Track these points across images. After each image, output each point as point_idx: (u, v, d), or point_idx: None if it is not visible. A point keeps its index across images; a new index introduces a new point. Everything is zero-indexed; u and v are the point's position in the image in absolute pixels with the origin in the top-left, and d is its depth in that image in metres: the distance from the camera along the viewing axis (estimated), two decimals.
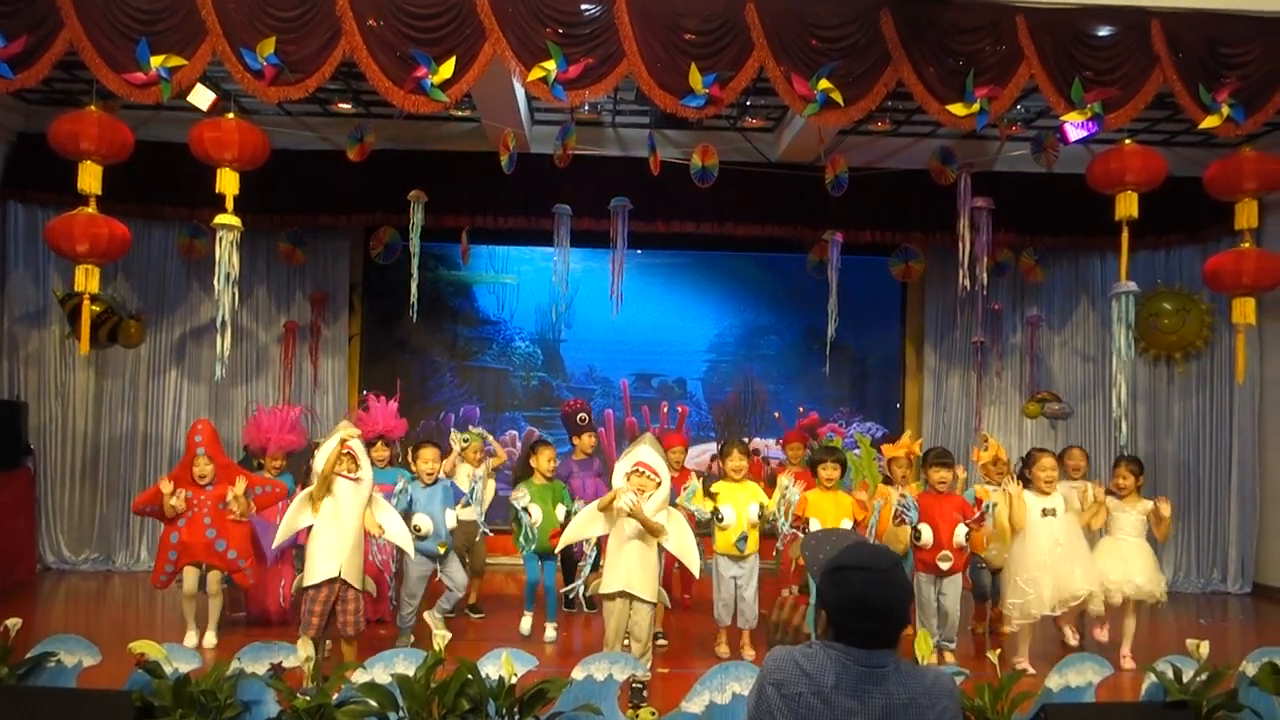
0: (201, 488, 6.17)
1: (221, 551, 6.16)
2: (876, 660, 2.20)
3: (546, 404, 9.64)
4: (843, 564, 2.25)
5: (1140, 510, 6.21)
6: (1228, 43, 6.23)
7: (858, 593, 2.20)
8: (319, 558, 5.18)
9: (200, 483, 6.18)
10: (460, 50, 5.86)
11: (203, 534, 6.11)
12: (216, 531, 6.14)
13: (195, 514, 6.13)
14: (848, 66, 6.04)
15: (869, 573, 2.21)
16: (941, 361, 9.67)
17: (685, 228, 8.88)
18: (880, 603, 2.20)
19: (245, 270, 8.04)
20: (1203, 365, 9.30)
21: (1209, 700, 4.37)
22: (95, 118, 6.45)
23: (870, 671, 2.19)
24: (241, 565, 6.21)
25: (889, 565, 2.24)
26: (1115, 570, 6.08)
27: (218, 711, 4.14)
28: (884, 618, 2.21)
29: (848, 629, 2.22)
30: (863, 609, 2.20)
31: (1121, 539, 6.20)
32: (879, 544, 2.29)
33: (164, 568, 6.19)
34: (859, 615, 2.20)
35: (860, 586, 2.20)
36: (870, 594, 2.19)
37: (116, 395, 9.00)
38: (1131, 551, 6.16)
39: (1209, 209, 7.57)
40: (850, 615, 2.21)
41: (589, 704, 4.20)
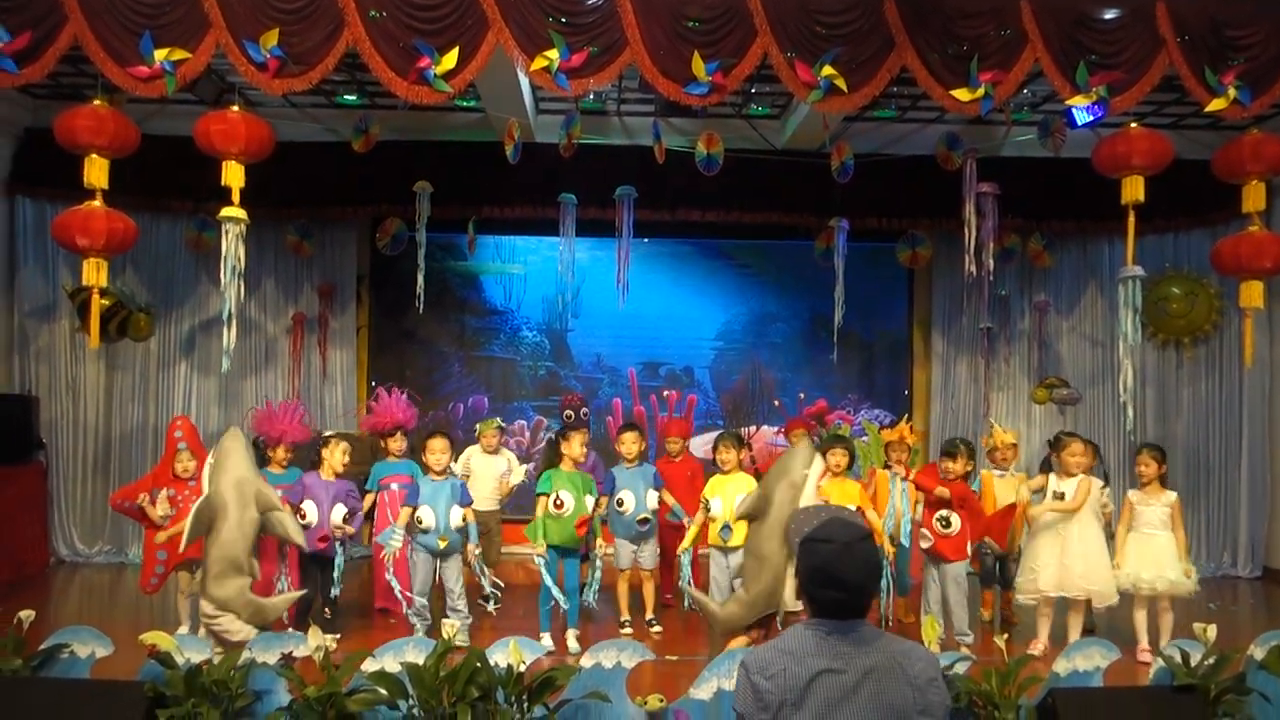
0: (185, 483, 6.16)
1: None
2: (847, 627, 2.35)
3: (554, 393, 9.65)
4: (811, 536, 2.42)
5: (1164, 502, 6.07)
6: (1234, 24, 6.18)
7: (822, 563, 2.35)
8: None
9: (184, 478, 6.17)
10: (463, 40, 5.86)
11: None
12: None
13: (181, 511, 6.04)
14: (851, 52, 6.01)
15: (833, 545, 2.36)
16: (949, 348, 9.65)
17: (691, 216, 8.88)
18: (844, 574, 2.34)
19: (253, 263, 8.04)
20: (1211, 349, 9.26)
21: (1217, 684, 4.37)
22: (100, 112, 6.46)
23: (843, 638, 2.33)
24: None
25: (852, 539, 2.37)
26: (1147, 568, 5.97)
27: (229, 701, 4.18)
28: (848, 588, 2.35)
29: (816, 598, 2.38)
30: (827, 579, 2.35)
31: (1147, 533, 6.05)
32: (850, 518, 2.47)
33: (154, 569, 6.16)
34: (825, 585, 2.36)
35: (825, 557, 2.36)
36: (834, 565, 2.34)
37: (127, 388, 9.05)
38: (1160, 546, 6.02)
39: (1216, 192, 7.51)
40: (817, 584, 2.37)
41: (597, 691, 4.23)
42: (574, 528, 5.97)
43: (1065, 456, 6.05)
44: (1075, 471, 6.01)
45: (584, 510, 6.00)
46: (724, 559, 6.06)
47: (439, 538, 5.90)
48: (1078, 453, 6.03)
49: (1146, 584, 5.96)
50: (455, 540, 5.97)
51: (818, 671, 2.29)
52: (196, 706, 4.10)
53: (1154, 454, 6.18)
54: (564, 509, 5.98)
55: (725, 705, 4.26)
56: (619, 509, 6.36)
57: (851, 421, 8.51)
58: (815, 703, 2.27)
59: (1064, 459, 6.05)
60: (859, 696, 2.27)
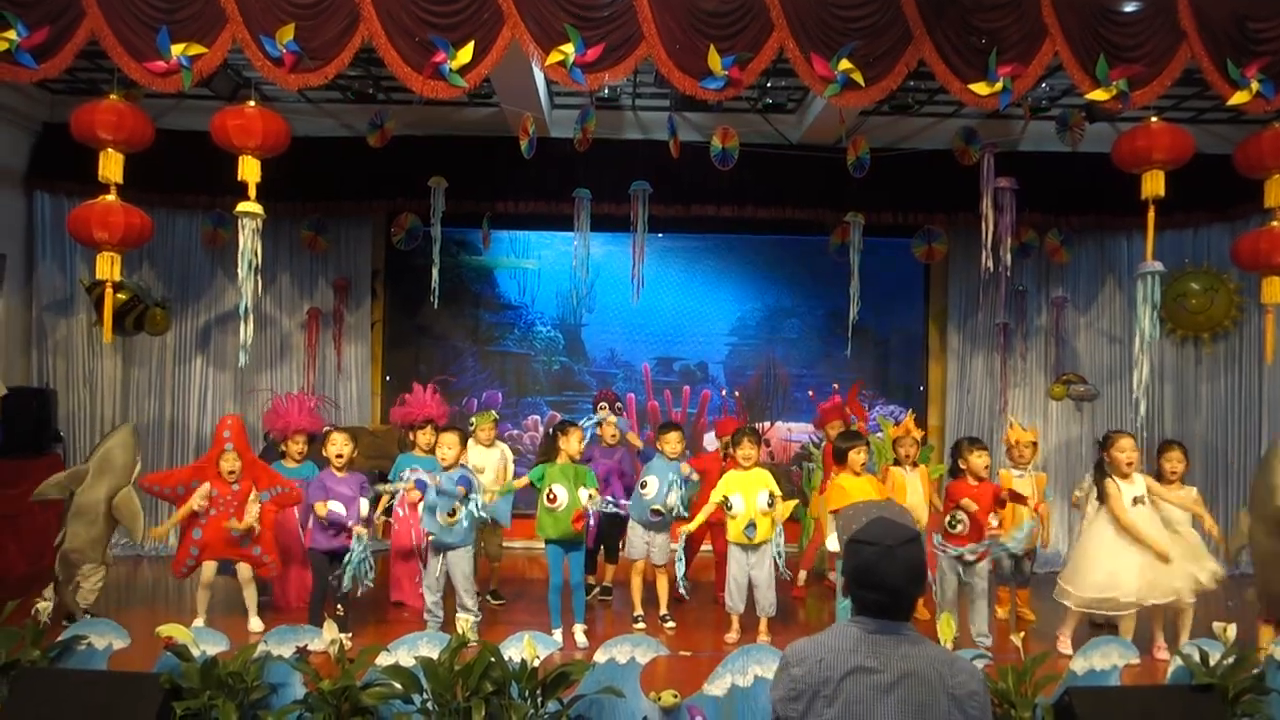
0: (228, 484, 6.21)
1: (245, 548, 6.23)
2: (891, 628, 2.34)
3: (568, 389, 9.66)
4: (857, 537, 2.41)
5: (1187, 498, 6.07)
6: (1256, 17, 6.10)
7: (865, 565, 2.35)
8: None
9: (228, 479, 6.22)
10: (478, 35, 5.85)
11: (227, 532, 6.14)
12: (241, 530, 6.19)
13: (220, 512, 6.15)
14: (868, 46, 5.97)
15: (876, 548, 2.35)
16: (965, 343, 9.60)
17: (706, 211, 8.85)
18: (886, 577, 2.33)
19: (268, 258, 8.08)
20: (1231, 345, 9.17)
21: (1236, 683, 4.34)
22: (116, 107, 6.48)
23: (886, 637, 2.32)
24: (266, 560, 6.30)
25: (895, 543, 2.35)
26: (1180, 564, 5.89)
27: (245, 693, 4.20)
28: (890, 591, 2.34)
29: (859, 597, 2.39)
30: (869, 580, 2.35)
31: (1176, 530, 6.03)
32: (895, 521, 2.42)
33: (185, 560, 6.24)
34: (867, 586, 2.36)
35: (868, 559, 2.35)
36: (877, 567, 2.33)
37: (143, 383, 9.10)
38: (1182, 544, 5.99)
39: (1238, 187, 7.43)
40: (860, 585, 2.37)
41: (611, 686, 4.23)
42: (570, 522, 5.94)
43: (1115, 454, 5.97)
44: (1128, 471, 5.92)
45: (578, 504, 5.96)
46: (744, 556, 6.06)
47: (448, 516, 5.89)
48: (1127, 449, 5.95)
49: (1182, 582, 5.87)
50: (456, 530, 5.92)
51: (853, 668, 2.28)
52: (212, 699, 4.12)
53: (1184, 450, 6.22)
54: (557, 503, 5.95)
55: (739, 702, 4.26)
56: (641, 490, 6.40)
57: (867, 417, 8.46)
58: (845, 698, 2.26)
59: (1114, 456, 5.97)
60: (891, 698, 2.25)
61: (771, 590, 6.09)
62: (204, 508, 6.13)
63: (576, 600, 6.14)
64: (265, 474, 6.42)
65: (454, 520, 5.90)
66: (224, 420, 6.51)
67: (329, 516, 5.92)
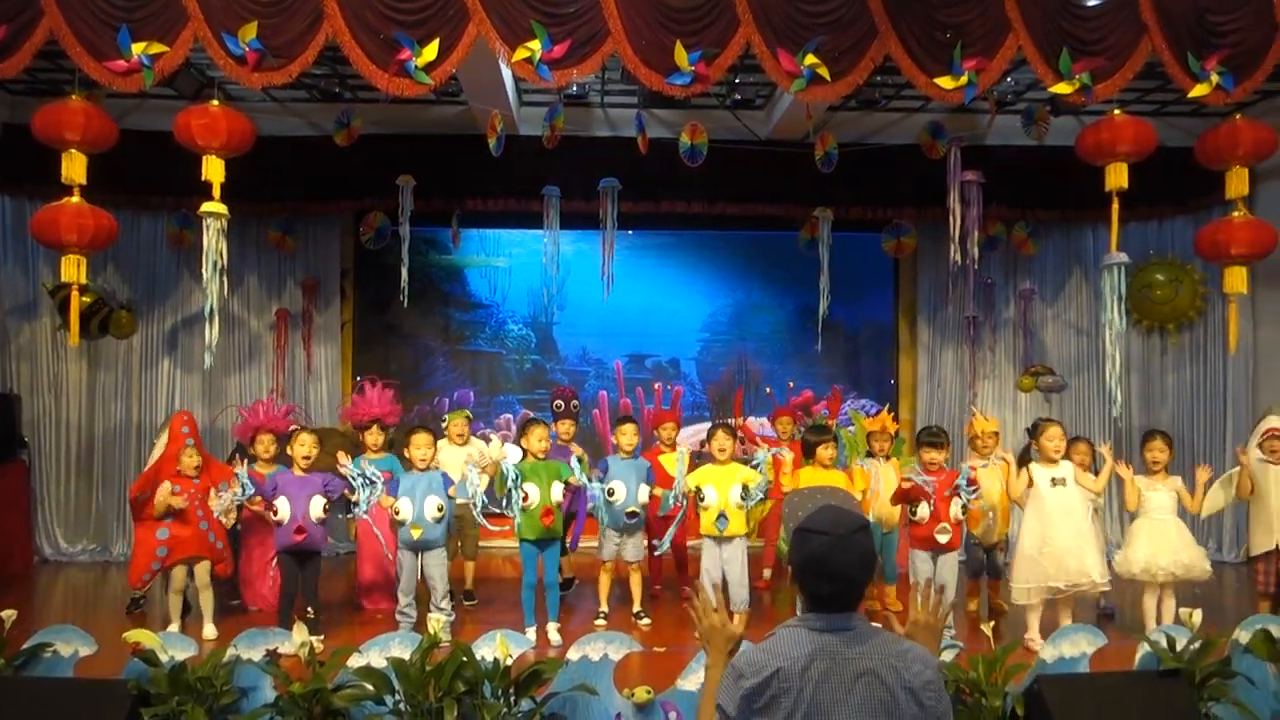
0: (191, 480, 6.15)
1: (212, 542, 6.20)
2: (841, 624, 2.28)
3: (540, 387, 9.64)
4: (805, 526, 2.34)
5: (1171, 487, 6.13)
6: (1216, 10, 6.20)
7: (815, 555, 2.28)
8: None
9: (191, 475, 6.15)
10: (444, 32, 5.82)
11: (196, 527, 6.11)
12: (208, 524, 6.17)
13: (188, 508, 6.09)
14: (834, 41, 6.00)
15: (826, 537, 2.28)
16: (935, 337, 9.66)
17: (675, 207, 8.87)
18: (836, 567, 2.27)
19: (235, 258, 8.02)
20: (1196, 335, 9.30)
21: (1202, 668, 4.39)
22: (78, 107, 6.41)
23: (836, 635, 2.26)
24: (225, 554, 6.29)
25: (845, 531, 2.29)
26: (1163, 553, 5.97)
27: (214, 698, 4.15)
28: (840, 581, 2.28)
29: (808, 589, 2.31)
30: (820, 570, 2.28)
31: (1159, 518, 6.08)
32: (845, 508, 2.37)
33: (150, 566, 6.13)
34: (817, 576, 2.29)
35: (817, 549, 2.28)
36: (826, 557, 2.27)
37: (109, 386, 8.99)
38: (1173, 530, 6.05)
39: (1200, 178, 7.54)
40: (809, 575, 2.30)
41: (584, 684, 4.21)
42: (540, 518, 5.92)
43: (1044, 442, 6.05)
44: (1055, 458, 6.00)
45: (548, 500, 5.95)
46: (717, 549, 6.06)
47: (412, 526, 5.84)
48: (1055, 437, 6.03)
49: (1163, 570, 5.96)
50: (430, 530, 5.89)
51: (809, 673, 2.22)
52: (181, 704, 4.07)
53: (1166, 440, 6.28)
54: (529, 501, 5.93)
55: None
56: (610, 499, 6.34)
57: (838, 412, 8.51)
58: (806, 705, 2.20)
59: (1043, 445, 6.06)
60: (851, 699, 2.20)
61: (745, 586, 6.09)
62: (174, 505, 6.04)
63: (550, 599, 6.12)
64: (220, 470, 6.38)
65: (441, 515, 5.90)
66: (178, 416, 6.46)
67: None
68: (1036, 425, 6.28)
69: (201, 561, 6.16)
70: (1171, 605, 5.98)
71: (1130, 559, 6.05)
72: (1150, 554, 5.99)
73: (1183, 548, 6.02)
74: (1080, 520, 5.93)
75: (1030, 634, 5.84)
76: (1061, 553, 5.84)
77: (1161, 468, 6.19)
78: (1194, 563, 6.01)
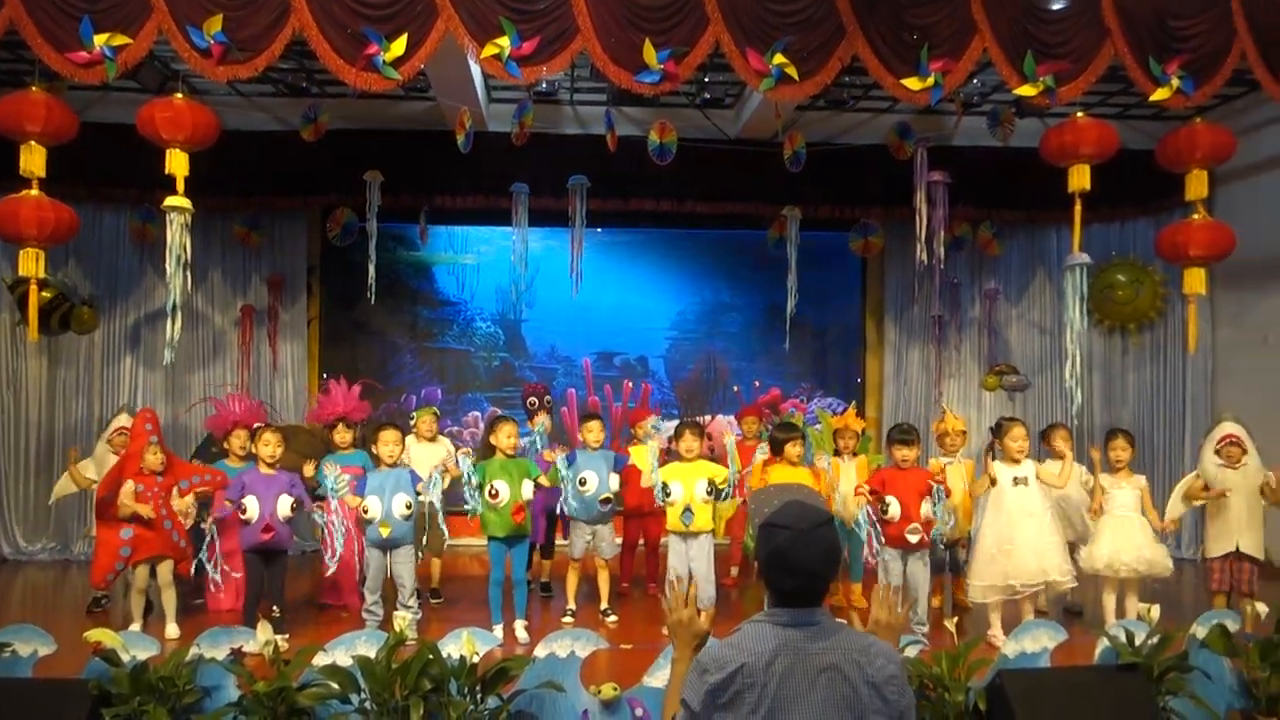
0: (154, 478, 6.08)
1: (175, 541, 6.14)
2: (805, 619, 2.29)
3: (509, 384, 9.62)
4: (769, 521, 2.35)
5: (1135, 485, 6.21)
6: (1177, 16, 6.30)
7: (779, 549, 2.29)
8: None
9: (154, 473, 6.08)
10: (412, 27, 5.79)
11: (160, 526, 6.04)
12: (172, 523, 6.11)
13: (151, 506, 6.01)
14: (803, 41, 6.03)
15: (790, 532, 2.30)
16: (901, 335, 9.75)
17: (644, 205, 8.89)
18: (800, 561, 2.29)
19: (199, 254, 7.93)
20: (1156, 335, 9.45)
21: (1160, 663, 4.46)
22: (38, 99, 6.31)
23: (800, 630, 2.28)
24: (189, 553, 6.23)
25: (809, 526, 2.31)
26: (1127, 549, 6.04)
27: (177, 698, 4.11)
28: (804, 575, 2.30)
29: (773, 584, 2.33)
30: (783, 565, 2.29)
31: (1121, 515, 6.15)
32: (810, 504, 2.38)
33: (113, 566, 6.04)
34: (781, 571, 2.30)
35: (781, 544, 2.30)
36: (790, 551, 2.28)
37: (70, 383, 8.87)
38: (1136, 528, 6.13)
39: (1161, 181, 7.66)
40: (773, 570, 2.32)
41: (551, 681, 4.22)
42: (510, 516, 5.90)
43: (1008, 442, 6.12)
44: (1019, 457, 6.07)
45: (519, 497, 5.93)
46: (683, 545, 6.06)
47: (380, 524, 5.80)
48: (1019, 437, 6.09)
49: (1126, 565, 6.04)
50: (399, 528, 5.86)
51: (773, 668, 2.23)
52: (143, 704, 4.02)
53: (1128, 439, 6.36)
54: (499, 499, 5.91)
55: None
56: (581, 488, 6.32)
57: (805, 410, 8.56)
58: (770, 700, 2.21)
59: (1007, 444, 6.13)
60: (814, 694, 2.22)
61: (711, 583, 6.10)
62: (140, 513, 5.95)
63: (518, 596, 6.10)
64: (183, 466, 6.33)
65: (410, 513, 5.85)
66: (142, 414, 6.36)
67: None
68: (1000, 424, 6.35)
69: (165, 561, 6.09)
70: (1134, 601, 6.07)
71: (1094, 555, 6.14)
72: (1113, 550, 6.07)
73: (1145, 544, 6.10)
74: (1042, 519, 6.00)
75: (993, 630, 5.90)
76: (1022, 552, 5.90)
77: (1124, 465, 6.28)
78: (1156, 559, 6.09)
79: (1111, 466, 6.35)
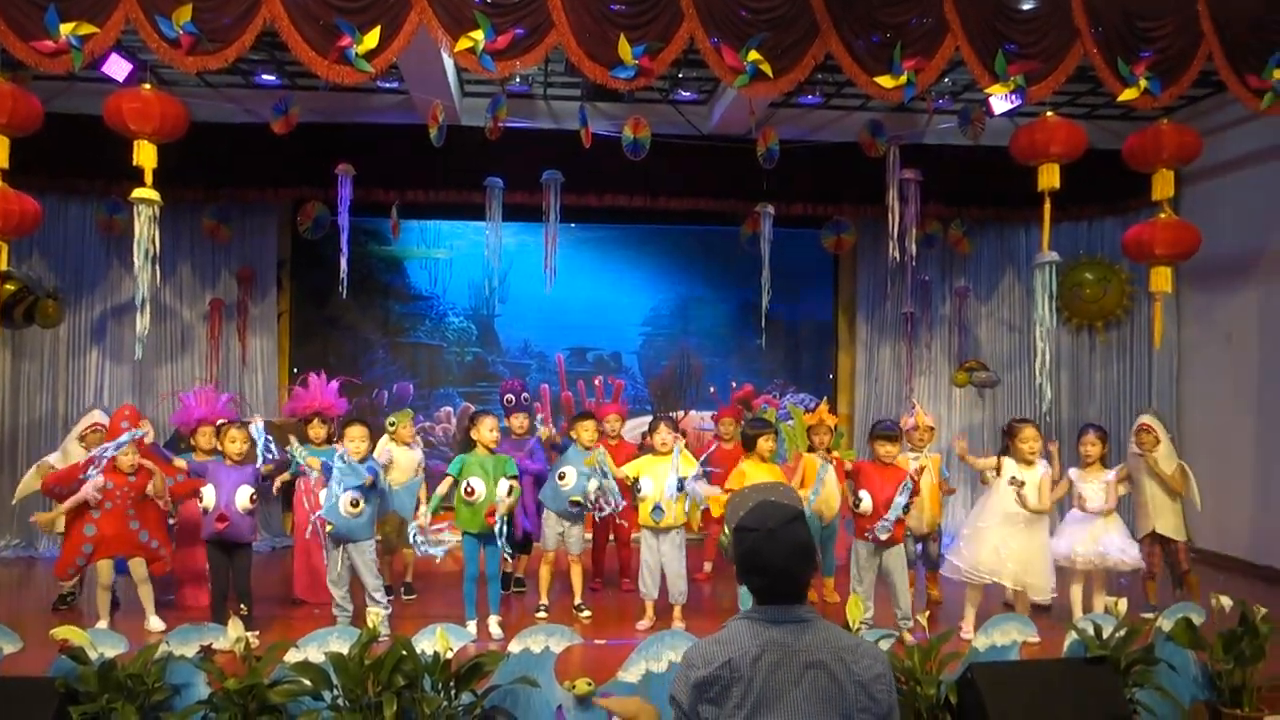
0: (125, 476, 6.00)
1: (145, 541, 6.04)
2: (788, 616, 2.31)
3: (482, 380, 9.58)
4: (740, 525, 2.39)
5: (1103, 479, 6.29)
6: (1145, 17, 6.37)
7: (751, 550, 2.33)
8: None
9: (127, 471, 6.00)
10: (385, 20, 5.73)
11: (125, 525, 5.95)
12: (140, 522, 6.01)
13: (117, 505, 5.91)
14: (777, 38, 6.05)
15: (758, 533, 2.34)
16: (873, 332, 9.81)
17: (618, 201, 8.89)
18: (771, 560, 2.32)
19: (167, 247, 7.82)
20: (1123, 333, 9.57)
21: (1127, 655, 4.54)
22: (4, 89, 6.20)
23: (783, 627, 2.30)
24: (162, 553, 6.13)
25: (777, 524, 2.34)
26: (1084, 544, 6.13)
27: (146, 695, 4.07)
28: (776, 573, 2.33)
29: (749, 583, 2.37)
30: (754, 564, 2.34)
31: (1089, 509, 6.25)
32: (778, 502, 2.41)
33: (75, 560, 5.96)
34: (754, 571, 2.34)
35: (751, 544, 2.33)
36: (761, 551, 2.32)
37: (35, 377, 8.74)
38: (1101, 523, 6.22)
39: (1128, 181, 7.75)
40: (747, 571, 2.36)
41: (525, 676, 4.21)
42: (484, 516, 5.84)
43: (1018, 444, 6.14)
44: (1030, 459, 6.08)
45: (494, 497, 5.86)
46: (655, 540, 6.08)
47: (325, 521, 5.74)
48: (1030, 439, 6.12)
49: (1081, 557, 6.12)
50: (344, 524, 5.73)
51: (759, 664, 2.24)
52: (111, 702, 3.98)
53: (1099, 434, 6.46)
54: (475, 496, 5.86)
55: (653, 687, 4.29)
56: (559, 481, 6.33)
57: (777, 406, 8.60)
58: (754, 698, 2.23)
59: (1018, 446, 6.15)
60: (797, 692, 2.23)
61: (683, 578, 6.12)
62: (97, 500, 5.87)
63: (492, 592, 6.07)
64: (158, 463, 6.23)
65: (358, 510, 5.75)
66: (121, 410, 6.28)
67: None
68: (1011, 426, 6.37)
69: (133, 558, 6.02)
70: (1101, 594, 6.15)
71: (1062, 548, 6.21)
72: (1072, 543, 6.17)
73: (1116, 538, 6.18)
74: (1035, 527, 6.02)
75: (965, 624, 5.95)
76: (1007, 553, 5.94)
77: (1094, 461, 6.36)
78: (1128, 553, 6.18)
79: (1082, 461, 6.43)
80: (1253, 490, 8.14)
